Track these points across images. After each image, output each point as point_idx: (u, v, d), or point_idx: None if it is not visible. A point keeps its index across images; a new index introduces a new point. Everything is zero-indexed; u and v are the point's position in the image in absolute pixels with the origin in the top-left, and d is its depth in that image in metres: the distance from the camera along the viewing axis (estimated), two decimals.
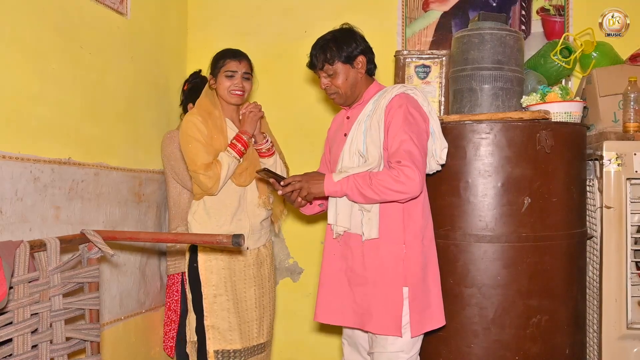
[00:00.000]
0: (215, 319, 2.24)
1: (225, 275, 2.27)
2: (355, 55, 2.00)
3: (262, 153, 2.36)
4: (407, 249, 1.91)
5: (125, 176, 2.49)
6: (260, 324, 2.35)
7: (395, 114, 1.90)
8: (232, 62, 2.33)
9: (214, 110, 2.33)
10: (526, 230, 2.11)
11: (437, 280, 2.00)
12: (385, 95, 1.97)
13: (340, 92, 2.01)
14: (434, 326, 1.96)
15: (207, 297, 2.25)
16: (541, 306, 2.11)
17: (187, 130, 2.26)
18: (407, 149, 1.84)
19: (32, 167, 1.93)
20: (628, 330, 2.22)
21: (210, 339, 2.24)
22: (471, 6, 2.95)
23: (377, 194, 1.84)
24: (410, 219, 1.93)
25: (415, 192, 1.84)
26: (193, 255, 2.29)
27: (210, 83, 2.36)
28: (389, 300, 1.89)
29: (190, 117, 2.29)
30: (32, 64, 1.97)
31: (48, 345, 1.67)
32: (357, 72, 2.01)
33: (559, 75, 2.58)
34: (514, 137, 2.12)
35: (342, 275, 1.98)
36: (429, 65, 2.53)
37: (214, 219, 2.27)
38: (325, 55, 1.98)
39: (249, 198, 2.33)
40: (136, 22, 2.60)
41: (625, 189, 2.23)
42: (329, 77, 2.01)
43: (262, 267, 2.40)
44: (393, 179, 1.82)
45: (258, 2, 3.11)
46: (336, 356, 3.00)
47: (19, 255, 1.58)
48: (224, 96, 2.32)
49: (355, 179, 1.86)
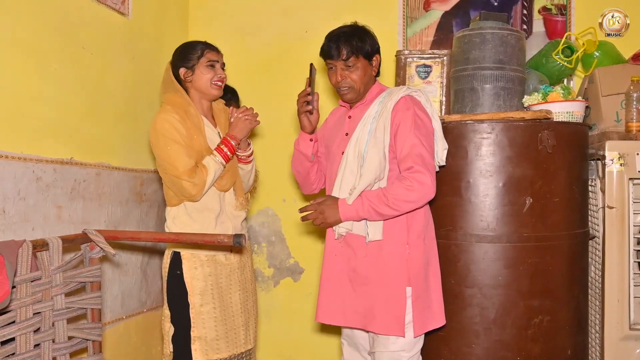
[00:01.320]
0: (203, 329, 2.12)
1: (211, 282, 2.15)
2: (374, 52, 2.00)
3: (242, 159, 2.25)
4: (411, 249, 1.91)
5: (126, 176, 2.49)
6: (246, 329, 2.27)
7: (404, 117, 1.89)
8: (211, 52, 2.20)
9: (189, 107, 2.17)
10: (527, 231, 2.11)
11: (438, 279, 2.00)
12: (391, 96, 1.95)
13: (355, 87, 1.98)
14: (435, 325, 1.96)
15: (194, 306, 2.11)
16: (543, 306, 2.11)
17: (164, 132, 2.08)
18: (419, 153, 1.85)
19: (34, 167, 1.93)
20: (630, 331, 2.21)
21: (196, 350, 2.10)
22: (472, 6, 2.94)
23: (396, 209, 1.85)
24: (413, 219, 1.93)
25: (430, 195, 1.87)
26: (175, 262, 2.16)
27: (184, 77, 2.19)
28: (392, 300, 1.89)
29: (166, 116, 2.11)
30: (33, 64, 1.97)
31: (50, 344, 1.68)
32: (372, 70, 2.01)
33: (561, 74, 2.58)
34: (515, 137, 2.12)
35: (343, 276, 1.98)
36: (430, 65, 2.53)
37: (198, 222, 2.14)
38: (352, 46, 1.93)
39: (228, 199, 2.23)
40: (137, 23, 2.60)
41: (627, 189, 2.22)
42: (347, 70, 1.96)
43: (245, 270, 2.31)
44: (406, 189, 1.83)
45: (258, 3, 3.11)
46: (336, 356, 3.00)
47: (22, 255, 1.58)
48: (204, 89, 2.18)
49: (369, 200, 1.86)
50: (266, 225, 3.11)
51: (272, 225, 3.11)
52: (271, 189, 3.09)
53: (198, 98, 2.22)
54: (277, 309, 3.11)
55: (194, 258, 2.15)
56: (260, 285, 3.12)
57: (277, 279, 3.12)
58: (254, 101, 2.94)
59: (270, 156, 2.97)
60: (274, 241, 3.11)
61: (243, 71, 3.03)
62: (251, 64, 3.10)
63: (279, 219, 3.11)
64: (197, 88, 2.20)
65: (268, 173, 3.03)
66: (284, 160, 3.06)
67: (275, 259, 3.12)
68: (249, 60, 3.10)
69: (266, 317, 3.10)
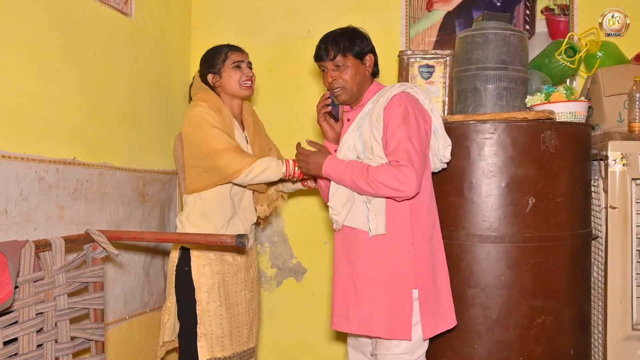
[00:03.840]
0: (209, 326, 2.15)
1: (218, 280, 2.19)
2: (365, 52, 1.99)
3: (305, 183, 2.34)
4: (416, 250, 1.89)
5: (129, 176, 2.50)
6: (250, 328, 2.30)
7: (394, 113, 1.87)
8: (234, 53, 2.24)
9: (223, 108, 2.20)
10: (530, 231, 2.11)
11: (447, 280, 1.99)
12: (384, 94, 1.94)
13: (347, 87, 1.97)
14: (446, 327, 1.95)
15: (201, 303, 2.15)
16: (545, 307, 2.11)
17: (202, 120, 2.07)
18: (405, 149, 1.82)
19: (37, 167, 1.94)
20: (633, 331, 2.21)
21: (202, 346, 2.14)
22: (475, 6, 2.94)
23: (372, 188, 1.82)
24: (417, 219, 1.91)
25: (411, 193, 1.82)
26: (183, 259, 2.19)
27: (213, 82, 2.24)
28: (396, 303, 1.87)
29: (201, 109, 2.11)
30: (36, 64, 1.97)
31: (53, 344, 1.68)
32: (365, 70, 1.99)
33: (564, 75, 2.57)
34: (518, 137, 2.11)
35: (349, 282, 1.95)
36: (433, 65, 2.53)
37: (212, 222, 2.17)
38: (339, 46, 1.95)
39: (244, 204, 2.26)
40: (140, 23, 2.60)
41: (630, 189, 2.22)
42: (337, 70, 1.96)
43: (251, 270, 2.35)
44: (391, 176, 1.80)
45: (261, 3, 3.11)
46: (339, 356, 3.00)
47: (24, 255, 1.58)
48: (234, 90, 2.20)
49: (352, 169, 1.86)
50: (269, 225, 3.11)
51: (274, 225, 3.11)
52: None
53: (229, 100, 2.24)
54: (279, 309, 3.11)
55: (203, 256, 2.18)
56: (263, 286, 3.12)
57: (279, 279, 3.12)
58: (257, 101, 2.96)
59: None
60: (276, 241, 3.11)
61: None
62: (254, 64, 3.08)
63: (281, 219, 3.10)
64: (227, 91, 2.22)
65: None
66: None
67: (278, 259, 3.12)
68: (252, 61, 3.09)
69: (269, 317, 3.10)
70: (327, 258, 2.99)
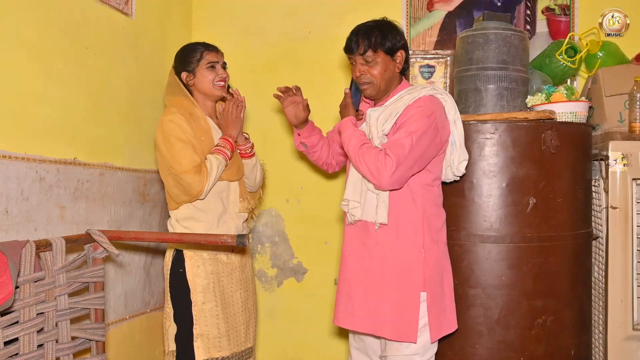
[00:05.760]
0: (205, 326, 2.14)
1: (213, 280, 2.17)
2: (397, 48, 1.95)
3: (244, 154, 2.26)
4: (426, 253, 1.88)
5: (130, 176, 2.50)
6: (247, 327, 2.29)
7: (414, 112, 1.85)
8: (210, 53, 2.23)
9: (194, 109, 2.19)
10: (531, 231, 2.11)
11: (451, 284, 1.99)
12: (411, 92, 1.92)
13: (375, 83, 1.94)
14: (449, 330, 1.95)
15: (196, 304, 2.14)
16: (546, 307, 2.11)
17: (170, 132, 2.09)
18: (402, 143, 1.79)
19: (37, 167, 1.94)
20: (634, 331, 2.21)
21: (199, 347, 2.12)
22: (476, 6, 2.94)
23: (357, 161, 1.85)
24: (429, 223, 1.90)
25: (384, 184, 1.79)
26: (177, 261, 2.18)
27: (187, 81, 2.22)
28: (405, 304, 1.87)
29: (171, 117, 2.12)
30: (37, 64, 1.97)
31: (54, 344, 1.68)
32: (394, 66, 1.96)
33: (564, 75, 2.57)
34: (518, 137, 2.11)
35: (356, 279, 1.94)
36: (434, 65, 2.53)
37: (202, 223, 2.16)
38: (370, 40, 1.91)
39: (232, 199, 2.25)
40: (141, 23, 2.60)
41: (631, 189, 2.22)
42: (366, 65, 1.93)
43: (245, 269, 2.33)
44: (374, 160, 1.79)
45: (262, 3, 3.11)
46: (340, 356, 3.00)
47: (25, 255, 1.58)
48: (208, 90, 2.20)
49: (358, 136, 1.89)
50: (269, 225, 3.11)
51: (275, 225, 3.11)
52: (274, 189, 3.09)
53: (202, 99, 2.25)
54: (280, 309, 3.11)
55: (197, 256, 2.17)
56: (264, 286, 3.12)
57: (280, 279, 3.12)
58: (257, 101, 2.95)
59: (273, 156, 2.96)
60: (277, 241, 3.11)
61: (246, 71, 3.04)
62: (255, 64, 3.10)
63: (282, 220, 3.10)
64: (200, 90, 2.23)
65: (271, 173, 3.02)
66: (287, 160, 3.06)
67: (278, 259, 3.12)
68: (253, 61, 3.10)
69: (269, 317, 3.10)
70: (328, 258, 2.99)
